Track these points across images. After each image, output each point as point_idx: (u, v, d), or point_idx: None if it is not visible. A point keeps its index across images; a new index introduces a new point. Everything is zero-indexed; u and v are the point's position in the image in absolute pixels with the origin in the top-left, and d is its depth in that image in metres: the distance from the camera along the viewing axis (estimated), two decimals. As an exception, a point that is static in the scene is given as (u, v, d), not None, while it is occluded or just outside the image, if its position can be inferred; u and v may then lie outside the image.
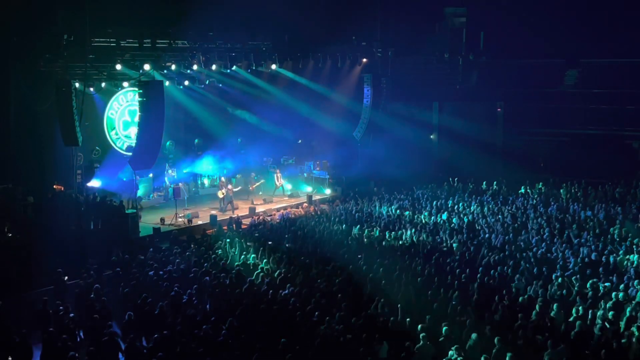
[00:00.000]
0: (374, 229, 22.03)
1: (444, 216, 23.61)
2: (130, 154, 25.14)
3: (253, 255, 18.91)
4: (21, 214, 22.33)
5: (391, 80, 33.16)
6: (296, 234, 21.56)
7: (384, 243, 20.28)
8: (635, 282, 15.84)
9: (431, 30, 36.58)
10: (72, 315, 15.09)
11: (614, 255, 18.09)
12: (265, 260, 18.50)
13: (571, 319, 13.81)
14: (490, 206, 25.00)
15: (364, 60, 31.87)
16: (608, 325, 13.37)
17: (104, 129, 28.76)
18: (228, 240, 20.58)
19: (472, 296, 15.21)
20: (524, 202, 25.60)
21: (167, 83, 26.40)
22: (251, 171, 31.02)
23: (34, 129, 24.98)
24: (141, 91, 21.99)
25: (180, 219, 24.98)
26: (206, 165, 30.46)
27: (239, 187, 28.99)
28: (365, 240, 20.80)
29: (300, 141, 34.66)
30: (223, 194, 27.42)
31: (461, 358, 11.93)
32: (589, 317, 13.98)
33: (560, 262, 17.74)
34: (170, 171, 28.90)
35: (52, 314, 15.02)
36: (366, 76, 31.70)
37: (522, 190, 27.49)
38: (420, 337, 12.67)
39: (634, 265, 17.30)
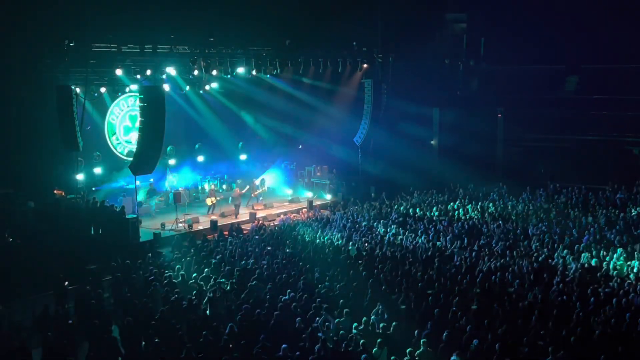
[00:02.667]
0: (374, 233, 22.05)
1: (445, 222, 23.59)
2: (131, 159, 25.15)
3: (252, 261, 18.93)
4: (22, 219, 22.33)
5: (392, 86, 33.21)
6: (296, 239, 21.57)
7: (384, 248, 20.28)
8: (635, 287, 15.84)
9: (432, 36, 36.64)
10: (71, 320, 15.09)
11: (615, 261, 18.10)
12: (265, 266, 18.48)
13: (572, 324, 13.79)
14: (490, 212, 24.99)
15: (365, 65, 31.91)
16: (609, 331, 13.36)
17: (105, 134, 28.79)
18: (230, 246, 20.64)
19: (472, 302, 15.19)
20: (525, 207, 25.58)
21: (167, 88, 26.42)
22: (252, 176, 31.01)
23: (35, 134, 24.98)
24: (142, 96, 22.05)
25: (180, 224, 24.99)
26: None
27: (221, 197, 29.20)
28: (365, 244, 20.79)
29: (300, 146, 34.68)
30: (212, 201, 27.55)
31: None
32: (590, 322, 13.97)
33: (561, 267, 17.73)
34: (170, 176, 28.91)
35: (53, 318, 15.02)
36: (367, 82, 31.71)
37: (524, 196, 27.46)
38: (421, 342, 12.67)
39: (634, 271, 17.30)
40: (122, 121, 29.44)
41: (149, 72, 24.37)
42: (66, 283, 17.29)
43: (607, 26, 32.22)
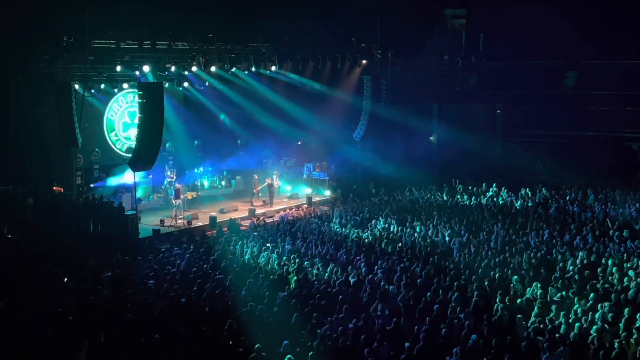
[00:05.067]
0: (373, 230, 22.08)
1: (444, 218, 23.58)
2: (130, 155, 25.16)
3: (255, 256, 18.95)
4: (21, 215, 22.34)
5: (391, 81, 33.20)
6: (296, 235, 21.57)
7: (382, 245, 20.28)
8: (634, 283, 15.85)
9: (431, 32, 36.63)
10: (71, 317, 15.09)
11: (613, 257, 18.11)
12: (264, 262, 18.51)
13: (570, 320, 13.82)
14: (489, 207, 24.99)
15: (364, 61, 31.90)
16: (607, 327, 13.38)
17: (104, 130, 28.76)
18: (227, 240, 20.65)
19: (471, 298, 15.21)
20: (524, 203, 25.60)
21: (166, 84, 26.40)
22: (252, 173, 31.01)
23: (34, 131, 24.99)
24: (141, 93, 22.02)
25: (179, 221, 25.00)
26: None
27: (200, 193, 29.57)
28: (365, 240, 20.81)
29: (299, 142, 34.67)
30: (193, 195, 28.18)
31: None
32: (588, 318, 13.99)
33: (560, 263, 17.75)
34: (169, 172, 28.89)
35: (52, 315, 15.02)
36: (366, 77, 31.70)
37: (522, 192, 27.46)
38: (420, 338, 12.69)
39: (633, 267, 17.31)
40: (121, 117, 29.42)
41: (147, 68, 24.35)
42: (65, 279, 17.29)
43: (606, 21, 32.23)
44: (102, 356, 13.01)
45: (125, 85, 27.68)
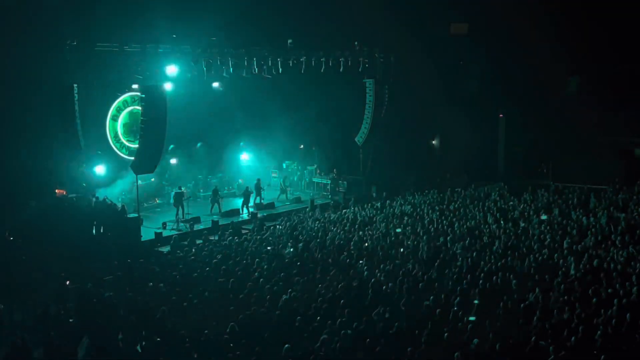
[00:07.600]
0: (375, 234, 22.08)
1: (446, 222, 23.56)
2: (132, 158, 25.19)
3: (257, 260, 18.94)
4: (23, 218, 22.35)
5: (393, 85, 33.22)
6: (298, 239, 21.56)
7: (385, 248, 20.28)
8: (635, 288, 15.81)
9: (434, 36, 36.64)
10: (72, 319, 15.11)
11: (616, 262, 18.07)
12: (266, 265, 18.50)
13: (573, 324, 13.78)
14: (492, 212, 24.96)
15: (366, 65, 31.91)
16: (610, 331, 13.36)
17: (107, 133, 28.75)
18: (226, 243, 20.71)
19: (473, 302, 15.18)
20: (526, 208, 25.57)
21: (169, 87, 26.42)
22: (255, 176, 30.99)
23: (36, 133, 25.01)
24: (143, 96, 22.05)
25: (182, 224, 24.99)
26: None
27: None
28: (366, 244, 20.80)
29: (301, 146, 34.67)
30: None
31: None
32: (591, 323, 13.96)
33: (562, 268, 17.71)
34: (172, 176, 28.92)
35: (54, 317, 15.03)
36: (368, 81, 31.75)
37: (525, 197, 27.44)
38: (422, 342, 12.67)
39: (635, 272, 17.27)
40: (124, 120, 29.40)
41: (150, 71, 24.41)
42: (67, 282, 17.30)
43: (609, 26, 32.23)
44: (104, 359, 13.01)
45: (126, 89, 27.64)
